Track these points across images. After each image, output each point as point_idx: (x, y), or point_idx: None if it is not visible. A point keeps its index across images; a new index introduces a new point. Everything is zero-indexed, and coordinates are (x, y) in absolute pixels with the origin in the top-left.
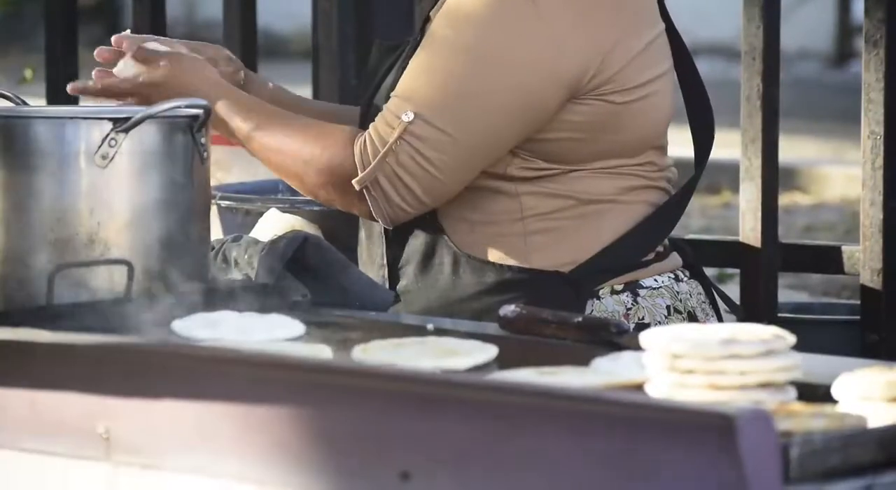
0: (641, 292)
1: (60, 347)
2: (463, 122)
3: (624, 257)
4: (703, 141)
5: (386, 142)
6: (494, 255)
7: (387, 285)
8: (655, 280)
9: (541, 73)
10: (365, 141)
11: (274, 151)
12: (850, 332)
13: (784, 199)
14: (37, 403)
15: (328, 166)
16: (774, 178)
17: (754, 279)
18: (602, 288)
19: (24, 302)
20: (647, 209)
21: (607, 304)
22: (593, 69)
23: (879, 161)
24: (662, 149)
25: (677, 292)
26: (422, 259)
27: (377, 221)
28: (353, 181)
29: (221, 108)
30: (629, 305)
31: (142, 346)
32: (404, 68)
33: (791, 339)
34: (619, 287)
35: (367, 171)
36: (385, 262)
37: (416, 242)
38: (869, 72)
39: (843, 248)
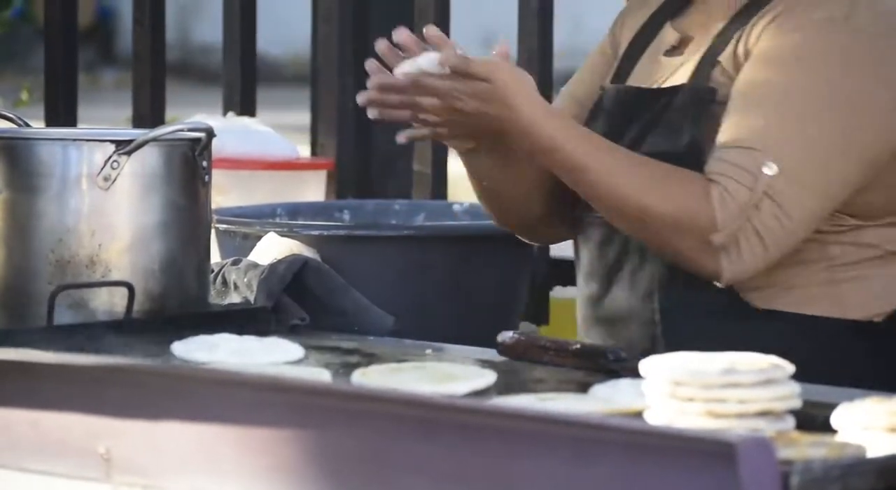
0: None
1: (62, 368)
2: (823, 173)
3: None
4: None
5: (747, 197)
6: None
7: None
8: None
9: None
10: (724, 194)
11: (613, 188)
12: None
13: None
14: (39, 424)
15: (676, 216)
16: None
17: None
18: None
19: (24, 322)
20: None
21: None
22: None
23: None
24: None
25: None
26: None
27: (717, 279)
28: (713, 236)
29: (552, 132)
30: None
31: (142, 368)
32: (692, 119)
33: (790, 368)
34: None
35: (731, 227)
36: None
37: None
38: None
39: None
